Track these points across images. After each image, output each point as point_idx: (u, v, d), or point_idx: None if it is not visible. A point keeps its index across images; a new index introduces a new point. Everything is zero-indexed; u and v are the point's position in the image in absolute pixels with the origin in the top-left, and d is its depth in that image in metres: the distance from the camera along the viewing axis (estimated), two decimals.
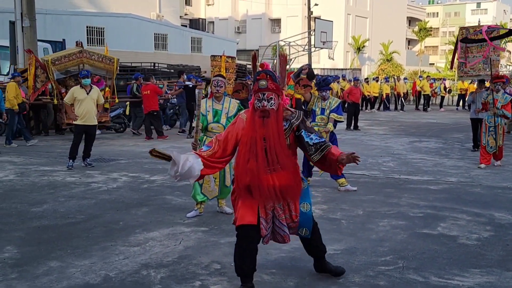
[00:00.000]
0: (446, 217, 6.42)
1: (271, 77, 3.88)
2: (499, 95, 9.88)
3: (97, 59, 14.21)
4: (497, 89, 9.88)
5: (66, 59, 13.66)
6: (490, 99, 9.83)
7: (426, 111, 26.22)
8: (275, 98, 3.89)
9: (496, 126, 9.84)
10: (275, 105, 3.88)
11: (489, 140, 9.86)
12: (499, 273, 4.57)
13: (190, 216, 6.36)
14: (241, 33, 53.49)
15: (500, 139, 9.88)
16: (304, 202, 4.13)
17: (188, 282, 4.36)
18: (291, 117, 3.97)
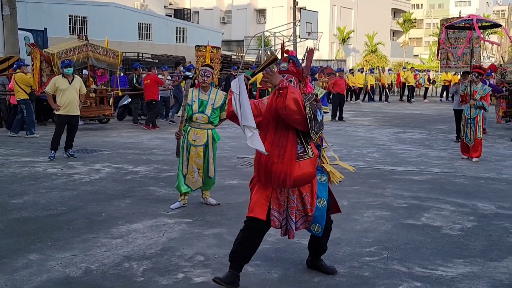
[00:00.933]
0: (430, 207, 6.44)
1: (294, 62, 3.92)
2: (478, 87, 9.68)
3: (102, 53, 14.16)
4: (475, 80, 9.64)
5: (72, 53, 13.52)
6: (469, 91, 9.64)
7: (410, 102, 26.35)
8: (295, 81, 3.89)
9: (474, 118, 9.61)
10: (295, 85, 3.87)
11: (467, 132, 9.68)
12: (482, 263, 4.59)
13: (174, 208, 6.30)
14: (226, 24, 53.18)
15: (479, 131, 9.60)
16: (321, 198, 4.04)
17: (171, 274, 4.30)
18: (305, 97, 3.80)
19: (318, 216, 4.01)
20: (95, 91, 14.42)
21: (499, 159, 10.01)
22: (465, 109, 9.81)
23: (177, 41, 33.12)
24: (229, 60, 25.37)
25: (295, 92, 3.69)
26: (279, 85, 3.69)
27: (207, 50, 20.43)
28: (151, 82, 14.34)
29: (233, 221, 5.79)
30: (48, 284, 4.08)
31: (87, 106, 13.95)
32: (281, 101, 3.67)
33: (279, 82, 3.69)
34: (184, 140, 6.27)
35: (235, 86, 3.76)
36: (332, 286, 4.09)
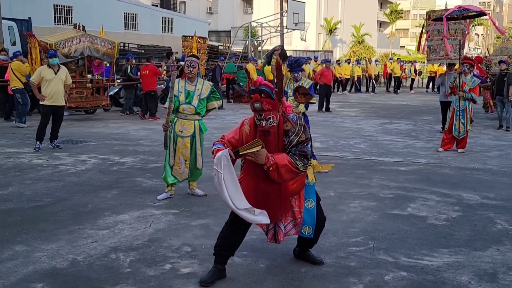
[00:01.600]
0: (416, 198, 6.49)
1: (265, 95, 3.69)
2: (467, 78, 9.60)
3: (100, 43, 14.10)
4: (464, 71, 9.59)
5: (70, 43, 13.42)
6: (458, 82, 9.61)
7: (396, 93, 26.48)
8: (273, 115, 3.73)
9: (464, 110, 9.58)
10: (275, 121, 3.76)
11: (456, 125, 9.60)
12: (467, 253, 4.64)
13: (161, 199, 6.28)
14: (213, 14, 52.85)
15: (468, 123, 9.61)
16: (309, 199, 4.08)
17: (158, 265, 4.29)
18: (291, 132, 3.81)
19: (307, 218, 4.06)
20: (92, 81, 14.34)
21: (484, 149, 10.11)
22: (454, 101, 9.75)
23: (164, 31, 32.84)
24: (216, 50, 25.24)
25: (283, 168, 3.68)
26: (267, 164, 3.67)
27: (193, 41, 20.36)
28: (149, 73, 14.31)
29: (220, 212, 5.78)
30: (34, 276, 4.05)
31: (83, 97, 13.89)
32: (277, 177, 3.71)
33: (265, 160, 3.67)
34: (171, 131, 6.25)
35: (217, 163, 3.67)
36: (319, 276, 4.11)
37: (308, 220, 4.08)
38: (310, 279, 4.07)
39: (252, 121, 3.92)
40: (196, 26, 28.83)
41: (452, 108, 9.77)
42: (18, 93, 12.34)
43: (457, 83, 9.63)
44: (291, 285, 3.98)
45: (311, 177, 4.13)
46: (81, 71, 14.24)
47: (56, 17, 26.13)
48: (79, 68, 14.19)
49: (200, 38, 21.08)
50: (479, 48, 54.86)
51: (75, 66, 14.08)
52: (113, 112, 16.10)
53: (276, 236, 4.07)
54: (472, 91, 9.55)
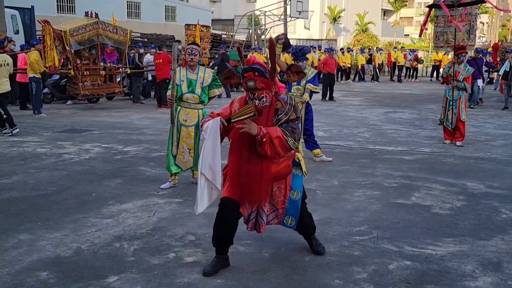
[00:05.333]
0: (420, 187, 6.47)
1: (259, 74, 3.63)
2: (461, 67, 9.21)
3: (112, 30, 14.11)
4: (460, 61, 9.21)
5: (83, 30, 13.41)
6: (452, 72, 9.22)
7: (400, 82, 26.35)
8: (266, 94, 3.70)
9: (457, 100, 9.22)
10: (267, 101, 3.72)
11: (448, 115, 9.29)
12: (471, 242, 4.63)
13: (164, 188, 6.27)
14: (216, 2, 52.55)
15: (462, 113, 9.22)
16: (294, 189, 4.02)
17: (162, 254, 4.30)
18: (281, 111, 3.77)
19: (290, 208, 4.00)
20: (105, 69, 14.35)
21: (489, 139, 10.07)
22: (447, 91, 9.44)
23: (166, 19, 32.72)
24: (219, 39, 25.14)
25: (276, 139, 3.62)
26: (260, 134, 3.60)
27: (196, 29, 20.18)
28: (163, 61, 14.34)
29: None
30: (39, 264, 4.06)
31: (96, 84, 13.93)
32: (268, 152, 3.63)
33: (257, 131, 3.60)
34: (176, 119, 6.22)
35: (206, 129, 3.67)
36: (323, 265, 4.11)
37: (292, 211, 4.02)
38: (314, 268, 4.07)
39: (242, 100, 3.88)
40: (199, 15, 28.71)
41: (445, 98, 9.48)
42: (34, 81, 12.36)
43: (451, 72, 9.26)
44: (295, 273, 3.97)
45: (304, 169, 4.11)
46: (94, 59, 14.24)
47: (58, 5, 26.05)
48: (92, 55, 14.19)
49: (203, 26, 20.88)
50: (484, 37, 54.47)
51: (88, 53, 14.11)
52: (116, 101, 16.10)
53: (258, 227, 4.00)
54: (465, 80, 9.17)
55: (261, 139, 3.60)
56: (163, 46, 15.13)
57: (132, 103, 15.61)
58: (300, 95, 7.84)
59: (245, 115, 3.61)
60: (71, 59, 13.52)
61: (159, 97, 14.81)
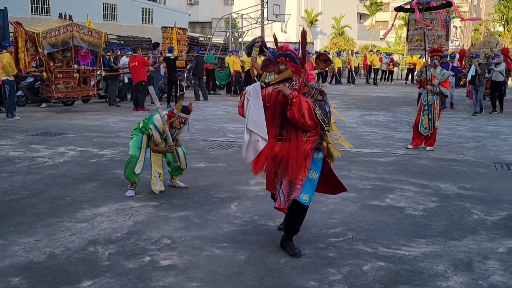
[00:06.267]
0: (394, 188, 6.55)
1: (290, 59, 4.10)
2: (436, 71, 9.01)
3: (87, 33, 13.98)
4: (434, 64, 9.02)
5: (57, 32, 13.24)
6: (428, 75, 9.02)
7: (376, 85, 26.66)
8: (296, 78, 4.10)
9: (431, 105, 9.04)
10: (297, 85, 4.10)
11: (423, 120, 9.09)
12: (443, 242, 4.71)
13: (130, 196, 6.08)
14: (194, 5, 52.42)
15: (436, 119, 9.06)
16: (313, 170, 4.30)
17: (138, 257, 4.28)
18: (308, 94, 4.16)
19: (307, 186, 4.25)
20: (79, 71, 14.19)
21: (461, 141, 10.25)
22: (423, 95, 9.27)
23: (143, 22, 32.52)
24: (196, 42, 25.06)
25: (305, 103, 3.99)
26: (290, 97, 3.97)
27: (173, 32, 20.17)
28: (138, 64, 14.22)
29: (200, 204, 5.79)
30: (10, 270, 4.00)
31: (70, 87, 13.78)
32: (295, 114, 3.97)
33: (289, 93, 3.98)
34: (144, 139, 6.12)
35: (249, 92, 4.15)
36: (298, 267, 4.14)
37: (308, 189, 4.26)
38: (289, 270, 4.10)
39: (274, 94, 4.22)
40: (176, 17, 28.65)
41: (419, 103, 9.32)
42: (7, 84, 12.14)
43: (426, 76, 9.06)
44: (270, 276, 3.99)
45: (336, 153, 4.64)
46: (68, 61, 14.09)
47: (33, 7, 25.69)
48: (66, 57, 14.03)
49: (180, 29, 20.89)
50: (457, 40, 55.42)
51: (61, 56, 13.95)
52: (92, 104, 15.96)
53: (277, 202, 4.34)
54: (441, 84, 8.98)
55: (292, 99, 3.96)
56: (138, 49, 15.03)
57: (108, 106, 15.49)
58: None
59: (282, 77, 4.04)
60: (44, 61, 13.37)
61: (135, 100, 14.72)
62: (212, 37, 28.26)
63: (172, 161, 6.29)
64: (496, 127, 12.25)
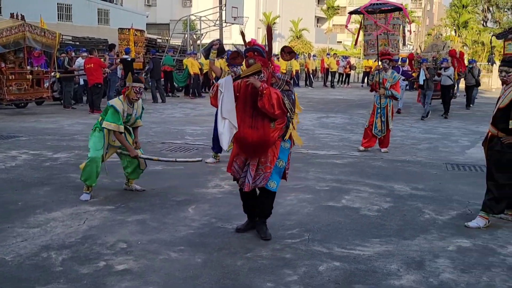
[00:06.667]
0: (350, 190, 6.67)
1: (258, 53, 4.49)
2: (388, 75, 9.18)
3: (40, 33, 13.59)
4: (385, 67, 9.17)
5: (8, 32, 12.84)
6: (380, 79, 9.17)
7: (333, 88, 27.04)
8: (264, 71, 4.47)
9: (384, 108, 9.22)
10: (265, 77, 4.48)
11: (377, 123, 9.23)
12: (396, 242, 4.83)
13: (85, 200, 5.97)
14: (151, 6, 51.91)
15: (390, 122, 9.22)
16: (281, 159, 4.69)
17: (92, 262, 4.21)
18: (275, 85, 4.52)
19: (275, 174, 4.65)
20: (32, 72, 13.81)
21: (415, 142, 10.52)
22: (375, 98, 9.37)
23: (100, 23, 31.97)
24: (154, 43, 24.81)
25: (274, 94, 4.36)
26: (260, 89, 4.33)
27: (130, 33, 19.93)
28: (94, 65, 13.95)
29: (157, 207, 5.75)
30: None
31: (23, 89, 13.39)
32: (265, 104, 4.34)
33: (260, 85, 4.33)
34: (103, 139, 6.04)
35: (222, 85, 4.48)
36: (255, 269, 4.16)
37: (276, 177, 4.67)
38: (246, 272, 4.11)
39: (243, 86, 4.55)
40: (133, 18, 28.25)
41: (373, 105, 9.43)
42: None
43: (378, 79, 9.22)
44: (227, 278, 4.00)
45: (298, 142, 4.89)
46: (20, 62, 13.70)
47: None
48: (18, 59, 13.64)
49: (138, 30, 20.66)
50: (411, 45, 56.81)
51: (13, 57, 13.55)
52: (46, 106, 15.58)
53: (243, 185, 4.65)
54: (393, 87, 9.16)
55: (262, 91, 4.32)
56: (94, 50, 14.79)
57: (63, 108, 15.16)
58: None
59: (252, 70, 4.39)
60: None
61: (91, 102, 14.45)
62: (170, 39, 28.04)
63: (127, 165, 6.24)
64: (448, 129, 12.64)
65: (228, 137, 4.50)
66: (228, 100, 4.45)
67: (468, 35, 51.36)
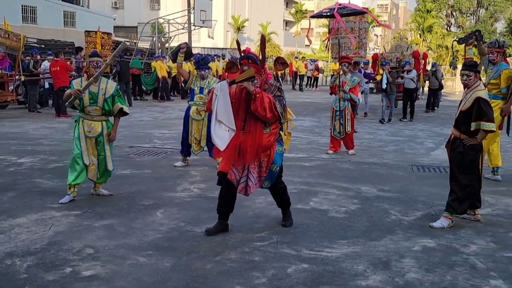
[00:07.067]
0: (318, 192, 6.74)
1: (252, 61, 4.77)
2: (347, 78, 9.33)
3: (4, 35, 13.23)
4: (344, 71, 9.31)
5: None
6: (338, 82, 9.32)
7: (302, 91, 27.24)
8: (257, 77, 4.74)
9: (343, 111, 9.34)
10: (258, 83, 4.75)
11: (335, 125, 9.40)
12: (363, 243, 4.90)
13: (64, 202, 5.95)
14: (119, 9, 51.38)
15: (348, 125, 9.34)
16: (275, 164, 4.95)
17: (58, 269, 4.14)
18: (267, 91, 4.79)
19: (269, 176, 4.97)
20: None
21: (382, 145, 10.69)
22: (334, 101, 9.51)
23: (66, 25, 31.48)
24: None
25: (266, 98, 4.64)
26: (253, 93, 4.59)
27: (97, 36, 19.70)
28: (60, 69, 13.71)
29: (124, 212, 5.70)
30: None
31: None
32: (258, 107, 4.60)
33: (253, 90, 4.61)
34: (78, 130, 6.01)
35: (217, 89, 4.73)
36: (224, 272, 4.16)
37: (269, 179, 5.00)
38: (215, 275, 4.11)
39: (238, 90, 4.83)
40: (100, 21, 27.93)
41: (331, 108, 9.61)
42: None
43: (337, 83, 9.37)
44: (196, 282, 4.00)
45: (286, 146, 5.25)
46: None
47: None
48: None
49: (105, 33, 20.43)
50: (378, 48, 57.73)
51: None
52: (10, 110, 15.25)
53: (247, 189, 4.91)
54: (351, 91, 9.32)
55: (255, 95, 4.59)
56: (60, 53, 14.57)
57: (28, 112, 14.85)
58: (203, 104, 7.89)
59: (246, 75, 4.64)
60: None
61: (57, 105, 14.21)
62: (138, 42, 27.80)
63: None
64: (413, 131, 12.89)
65: (225, 139, 4.73)
66: (223, 103, 4.68)
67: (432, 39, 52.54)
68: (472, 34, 7.79)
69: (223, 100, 4.69)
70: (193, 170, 7.87)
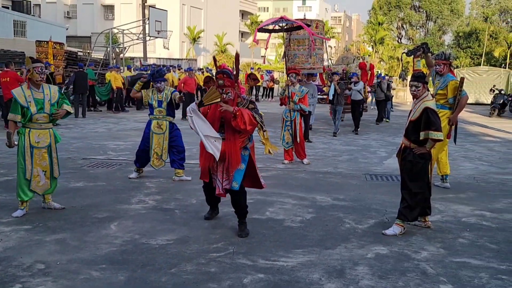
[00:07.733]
0: (274, 202, 6.79)
1: (227, 76, 5.19)
2: (296, 89, 9.47)
3: None
4: (292, 81, 9.42)
5: None
6: (288, 93, 9.43)
7: (258, 101, 27.39)
8: (231, 91, 5.21)
9: (293, 121, 9.46)
10: (231, 96, 5.22)
11: (285, 135, 9.55)
12: (318, 252, 4.96)
13: (18, 216, 5.80)
14: (72, 18, 50.57)
15: (298, 135, 9.46)
16: (242, 163, 5.32)
17: (7, 286, 4.01)
18: (240, 103, 5.24)
19: (236, 176, 5.28)
20: None
21: (336, 154, 10.86)
22: (284, 112, 9.63)
23: (16, 35, 30.64)
24: (75, 57, 24.12)
25: (246, 113, 5.08)
26: (233, 112, 5.02)
27: (49, 46, 19.31)
28: (11, 79, 13.26)
29: (77, 225, 5.57)
30: None
31: None
32: (239, 124, 5.04)
33: (233, 109, 5.03)
34: (23, 142, 5.88)
35: (189, 110, 5.20)
36: (179, 284, 4.13)
37: (237, 178, 5.28)
38: None
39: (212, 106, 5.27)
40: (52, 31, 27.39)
41: (282, 119, 9.69)
42: None
43: (287, 93, 9.46)
44: None
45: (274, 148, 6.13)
46: None
47: None
48: None
49: (57, 43, 20.05)
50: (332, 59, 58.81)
51: None
52: None
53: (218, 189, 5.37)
54: (301, 101, 9.44)
55: (236, 113, 5.02)
56: (10, 64, 14.17)
57: None
58: (163, 117, 7.85)
59: (216, 99, 5.11)
60: None
61: (6, 117, 13.79)
62: (91, 52, 27.36)
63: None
64: (367, 140, 13.16)
65: (217, 148, 5.18)
66: (200, 120, 5.18)
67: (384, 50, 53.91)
68: (419, 46, 8.06)
69: (198, 118, 5.17)
70: (148, 182, 7.79)
